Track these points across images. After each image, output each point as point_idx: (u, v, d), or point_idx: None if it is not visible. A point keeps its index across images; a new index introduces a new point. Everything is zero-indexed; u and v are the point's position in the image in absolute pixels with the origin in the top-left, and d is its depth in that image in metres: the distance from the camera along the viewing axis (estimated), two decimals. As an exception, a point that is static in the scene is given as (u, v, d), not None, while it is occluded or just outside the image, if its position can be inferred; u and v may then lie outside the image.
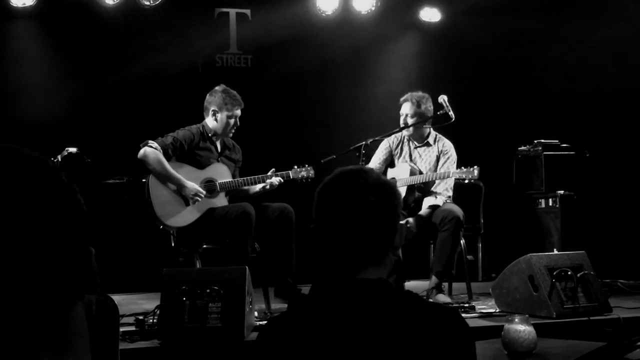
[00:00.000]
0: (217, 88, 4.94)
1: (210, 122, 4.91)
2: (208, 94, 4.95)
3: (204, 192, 4.73)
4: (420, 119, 5.13)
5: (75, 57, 6.42)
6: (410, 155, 5.27)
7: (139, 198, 4.84)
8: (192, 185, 4.70)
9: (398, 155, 5.30)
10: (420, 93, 5.18)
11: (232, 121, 4.87)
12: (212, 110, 4.87)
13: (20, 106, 6.21)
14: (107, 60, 6.43)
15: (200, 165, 4.83)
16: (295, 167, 4.96)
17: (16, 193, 0.83)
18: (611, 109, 6.76)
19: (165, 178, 4.68)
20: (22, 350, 0.84)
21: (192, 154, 4.82)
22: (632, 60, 6.70)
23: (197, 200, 4.70)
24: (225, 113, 4.86)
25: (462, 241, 5.07)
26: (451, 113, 4.95)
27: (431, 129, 5.25)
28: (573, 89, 6.86)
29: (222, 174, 4.86)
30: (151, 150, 4.64)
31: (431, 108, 5.13)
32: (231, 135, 4.96)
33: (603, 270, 4.85)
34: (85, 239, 0.88)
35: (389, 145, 5.29)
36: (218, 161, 4.92)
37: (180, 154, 4.78)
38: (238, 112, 4.89)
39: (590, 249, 4.60)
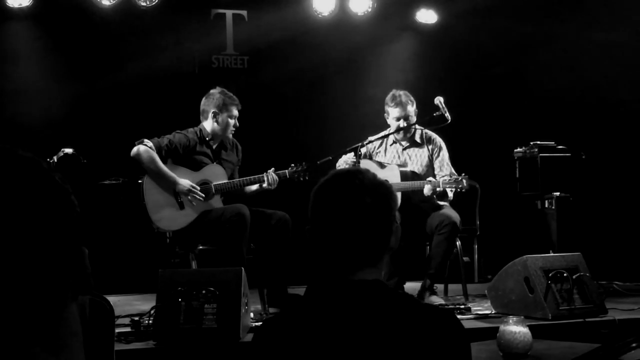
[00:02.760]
0: (212, 91, 4.96)
1: (209, 125, 4.91)
2: (204, 98, 4.95)
3: (198, 187, 4.72)
4: (416, 116, 5.16)
5: (71, 58, 6.41)
6: (399, 158, 5.25)
7: (135, 199, 4.83)
8: (185, 181, 4.69)
9: (381, 156, 5.28)
10: (402, 91, 5.19)
11: (232, 121, 4.89)
12: (213, 113, 4.87)
13: (16, 107, 6.20)
14: (104, 61, 6.42)
15: (196, 168, 4.82)
16: (292, 165, 4.95)
17: (9, 193, 0.83)
18: (607, 111, 6.77)
19: (157, 176, 4.68)
20: (16, 350, 0.83)
21: (188, 157, 4.82)
22: (628, 62, 6.71)
23: (194, 197, 4.68)
24: (226, 114, 4.88)
25: (458, 242, 5.07)
26: (447, 114, 4.95)
27: (415, 125, 5.24)
28: (569, 91, 6.87)
29: (217, 175, 4.85)
30: (144, 149, 4.65)
31: None
32: (231, 136, 4.97)
33: (599, 271, 4.85)
34: (78, 240, 0.88)
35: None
36: (214, 163, 4.92)
37: (175, 157, 4.78)
38: (237, 112, 4.93)
39: (586, 250, 4.61)
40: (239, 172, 5.10)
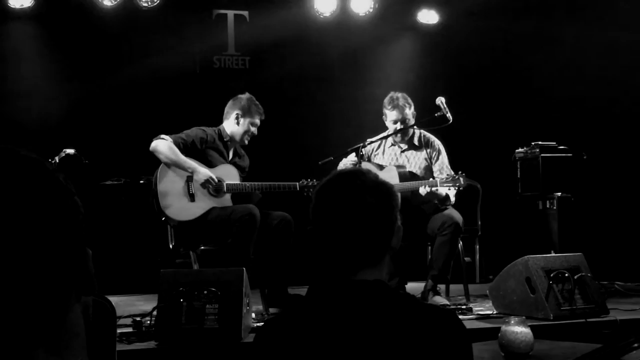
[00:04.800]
0: (241, 95, 5.01)
1: (229, 126, 4.94)
2: (231, 100, 5.00)
3: (216, 180, 4.73)
4: (414, 118, 5.16)
5: (73, 58, 6.42)
6: (397, 160, 5.24)
7: (137, 199, 4.84)
8: (205, 170, 4.72)
9: (379, 158, 5.27)
10: (400, 93, 5.18)
11: (252, 128, 4.93)
12: (236, 114, 4.91)
13: (18, 107, 6.20)
14: (105, 62, 6.42)
15: (210, 165, 4.84)
16: (303, 180, 4.93)
17: (13, 194, 0.83)
18: (609, 111, 6.77)
19: (177, 164, 4.70)
20: (18, 351, 0.84)
21: (204, 152, 4.85)
22: (629, 62, 6.70)
23: (208, 187, 4.70)
24: (248, 119, 4.92)
25: (460, 243, 5.07)
26: (449, 115, 4.94)
27: (414, 127, 5.23)
28: (571, 91, 6.86)
29: (231, 175, 4.87)
30: (163, 142, 4.70)
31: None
32: (246, 142, 4.99)
33: (600, 272, 4.85)
34: (82, 241, 0.89)
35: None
36: (228, 163, 4.94)
37: (192, 151, 4.80)
38: (259, 121, 4.97)
39: (588, 250, 4.60)
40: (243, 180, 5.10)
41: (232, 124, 4.94)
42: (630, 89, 6.67)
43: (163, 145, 4.69)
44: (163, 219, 4.77)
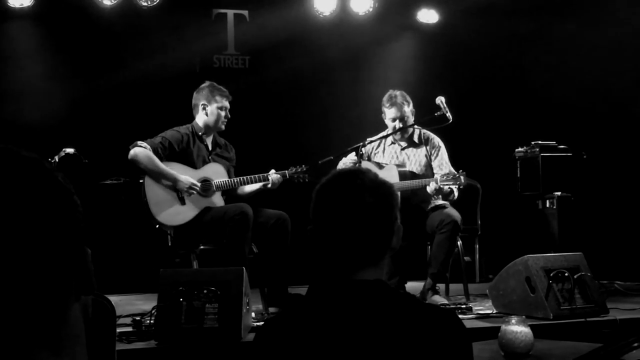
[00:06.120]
0: (202, 85, 4.98)
1: (200, 118, 4.93)
2: (195, 92, 4.98)
3: (199, 184, 4.73)
4: (413, 116, 5.16)
5: (72, 58, 6.42)
6: (397, 158, 5.24)
7: (136, 199, 4.84)
8: (186, 178, 4.71)
9: (379, 156, 5.28)
10: (398, 91, 5.18)
11: (222, 113, 4.90)
12: (202, 105, 4.90)
13: (17, 107, 6.20)
14: (105, 61, 6.42)
15: (193, 164, 4.83)
16: (292, 167, 4.95)
17: (12, 194, 0.83)
18: (609, 111, 6.77)
19: (158, 175, 4.69)
20: (18, 351, 0.84)
21: (183, 154, 4.83)
22: (628, 62, 6.70)
23: (192, 194, 4.70)
24: (214, 105, 4.89)
25: (460, 242, 5.07)
26: (449, 114, 4.94)
27: (414, 125, 5.24)
28: (571, 91, 6.86)
29: (218, 173, 4.87)
30: (141, 150, 4.67)
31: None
32: (223, 127, 4.96)
33: (600, 271, 4.86)
34: (81, 240, 0.88)
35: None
36: (211, 160, 4.93)
37: (171, 154, 4.79)
38: (227, 103, 4.93)
39: (588, 250, 4.60)
40: (235, 173, 5.10)
41: (202, 116, 4.92)
42: (630, 89, 6.66)
43: (142, 155, 4.66)
44: (157, 226, 4.77)
